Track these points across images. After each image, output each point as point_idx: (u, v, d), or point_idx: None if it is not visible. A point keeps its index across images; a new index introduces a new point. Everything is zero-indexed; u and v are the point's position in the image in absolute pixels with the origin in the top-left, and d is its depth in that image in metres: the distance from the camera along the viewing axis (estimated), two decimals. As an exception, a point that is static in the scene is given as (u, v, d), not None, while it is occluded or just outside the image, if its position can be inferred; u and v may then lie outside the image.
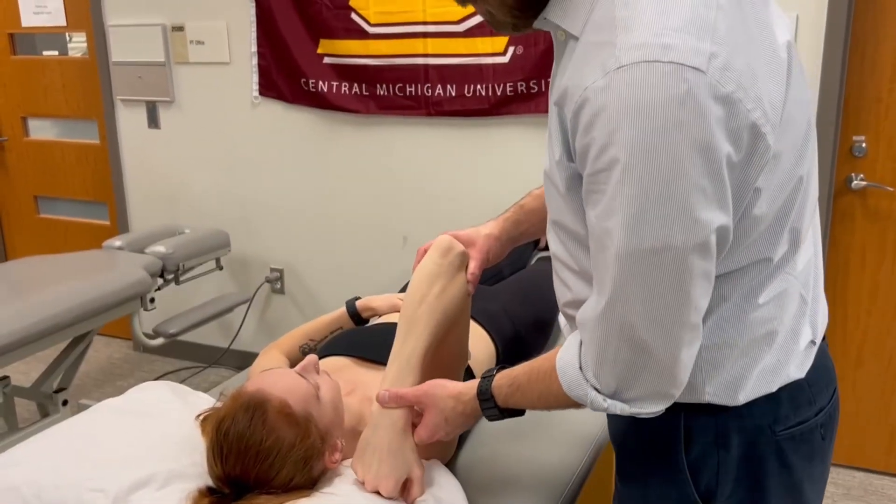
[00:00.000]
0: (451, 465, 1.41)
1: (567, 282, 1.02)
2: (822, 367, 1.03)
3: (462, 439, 1.50)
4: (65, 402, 2.65)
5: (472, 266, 1.29)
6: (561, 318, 1.13)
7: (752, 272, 0.92)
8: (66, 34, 3.60)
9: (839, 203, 2.48)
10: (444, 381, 1.17)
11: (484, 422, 1.59)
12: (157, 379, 2.05)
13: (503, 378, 1.10)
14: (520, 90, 2.71)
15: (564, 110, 0.86)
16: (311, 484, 1.23)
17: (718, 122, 0.78)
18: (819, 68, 2.32)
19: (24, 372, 3.46)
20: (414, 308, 1.23)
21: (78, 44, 3.60)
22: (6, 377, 2.68)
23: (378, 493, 1.17)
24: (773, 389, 0.96)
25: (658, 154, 0.77)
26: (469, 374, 1.52)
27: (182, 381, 3.35)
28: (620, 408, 0.92)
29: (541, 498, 1.37)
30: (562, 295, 1.06)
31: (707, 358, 0.94)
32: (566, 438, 1.54)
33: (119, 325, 3.75)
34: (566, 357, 0.96)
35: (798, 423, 0.99)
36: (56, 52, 3.66)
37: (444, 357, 1.30)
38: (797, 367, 0.98)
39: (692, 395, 0.96)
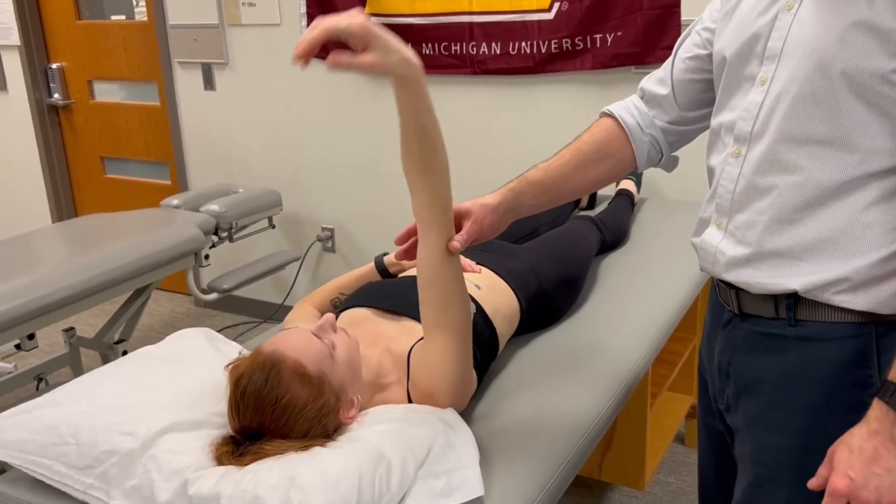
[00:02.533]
0: (465, 414, 1.44)
1: (799, 162, 1.00)
2: None
3: (479, 391, 1.53)
4: (124, 353, 2.78)
5: (463, 232, 1.27)
6: (717, 239, 1.11)
7: None
8: (131, -2, 3.72)
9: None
10: None
11: (502, 372, 1.62)
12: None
13: None
14: (565, 47, 2.67)
15: None
16: (327, 435, 1.28)
17: None
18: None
19: (91, 325, 3.64)
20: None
21: (143, 7, 3.70)
22: (72, 328, 2.85)
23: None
24: None
25: None
26: (489, 327, 1.54)
27: (238, 336, 3.49)
28: None
29: (555, 448, 1.39)
30: (778, 183, 1.02)
31: None
32: (585, 388, 1.55)
33: (181, 282, 3.91)
34: None
35: None
36: (124, 17, 3.77)
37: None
38: None
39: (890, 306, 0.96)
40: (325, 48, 1.05)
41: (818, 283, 1.01)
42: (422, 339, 1.37)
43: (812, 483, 0.97)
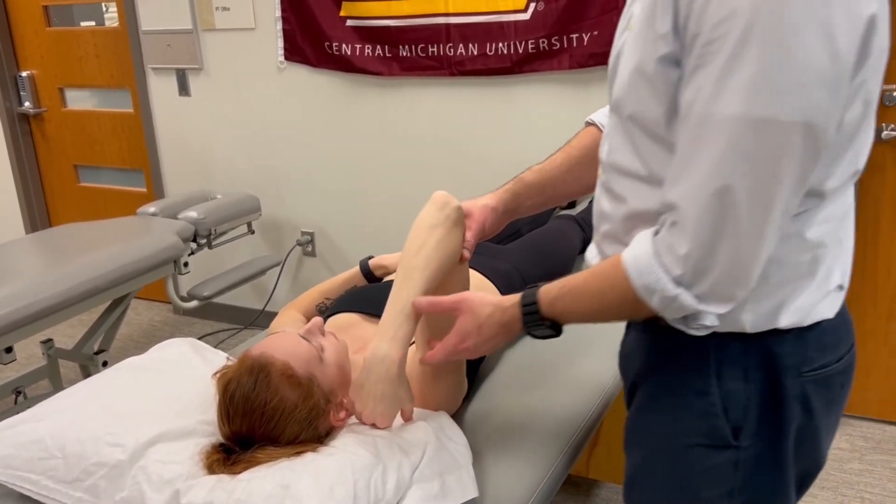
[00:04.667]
0: (457, 416, 1.45)
1: (623, 193, 1.00)
2: (844, 317, 1.03)
3: (470, 391, 1.53)
4: (105, 364, 2.75)
5: (469, 235, 1.29)
6: (591, 252, 1.11)
7: (814, 193, 0.91)
8: (102, 4, 3.66)
9: (870, 154, 2.42)
10: (482, 293, 1.16)
11: (492, 373, 1.62)
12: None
13: (552, 285, 1.06)
14: (542, 47, 2.68)
15: None
16: (319, 439, 1.27)
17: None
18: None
19: (69, 336, 3.59)
20: (411, 257, 1.25)
21: (114, 13, 3.66)
22: (50, 340, 2.80)
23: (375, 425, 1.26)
24: (806, 323, 0.97)
25: (783, 20, 0.77)
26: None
27: (219, 343, 3.45)
28: (688, 301, 0.89)
29: (546, 449, 1.40)
30: (612, 211, 1.03)
31: None
32: (574, 388, 1.56)
33: (159, 290, 3.87)
34: (638, 247, 0.93)
35: (822, 366, 0.99)
36: (93, 23, 3.73)
37: None
38: (829, 307, 0.98)
39: (728, 322, 0.96)
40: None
41: None
42: (413, 343, 1.37)
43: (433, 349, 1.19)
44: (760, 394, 0.98)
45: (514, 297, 1.09)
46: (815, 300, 0.97)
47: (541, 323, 1.07)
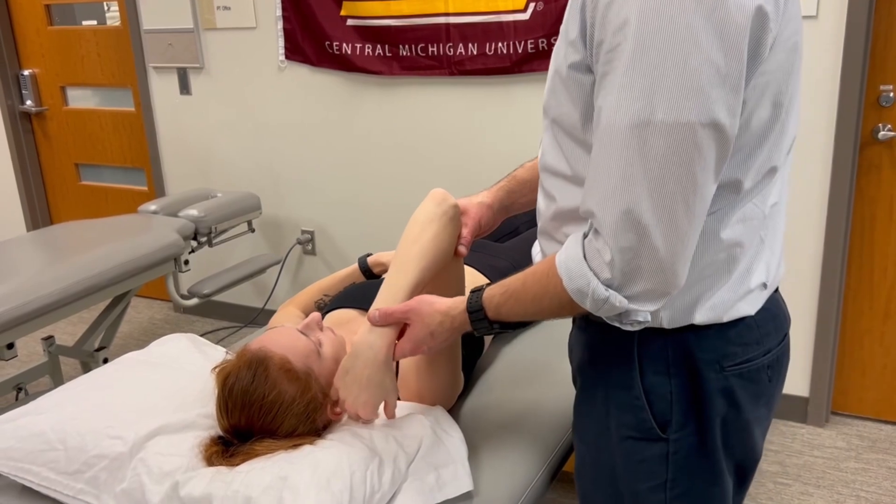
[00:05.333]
0: (453, 411, 1.46)
1: (552, 192, 1.03)
2: (773, 312, 1.05)
3: (466, 387, 1.55)
4: (105, 360, 2.76)
5: (465, 231, 1.31)
6: (535, 248, 1.15)
7: (726, 192, 0.94)
8: (104, 3, 3.68)
9: (865, 154, 2.44)
10: (432, 298, 1.18)
11: (489, 368, 1.64)
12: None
13: (494, 289, 1.09)
14: (541, 47, 2.70)
15: None
16: (316, 433, 1.29)
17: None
18: (844, 15, 2.27)
19: (70, 333, 3.61)
20: (407, 248, 1.26)
21: (115, 12, 3.68)
22: (51, 337, 2.82)
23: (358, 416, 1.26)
24: (724, 320, 0.99)
25: (673, 23, 0.79)
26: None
27: (220, 341, 3.47)
28: (619, 302, 0.91)
29: (542, 444, 1.41)
30: (545, 209, 1.06)
31: None
32: (569, 385, 1.57)
33: (160, 288, 3.88)
34: (569, 251, 0.95)
35: (745, 360, 1.01)
36: (95, 22, 3.74)
37: None
38: (749, 304, 1.00)
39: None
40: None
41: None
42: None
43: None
44: (683, 387, 1.01)
45: (461, 305, 1.12)
46: (734, 298, 0.99)
47: (489, 325, 1.11)
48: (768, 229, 1.00)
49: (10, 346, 2.38)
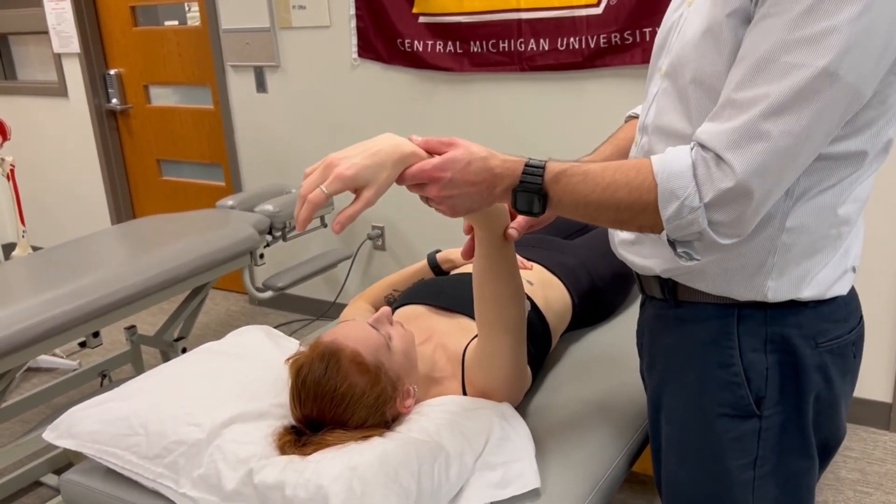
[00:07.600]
0: (521, 408, 1.46)
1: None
2: (853, 292, 1.08)
3: (534, 384, 1.54)
4: (184, 350, 2.86)
5: (518, 218, 1.28)
6: (618, 233, 1.14)
7: (853, 161, 0.95)
8: (185, 4, 3.80)
9: None
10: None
11: (556, 365, 1.62)
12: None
13: (563, 161, 1.01)
14: (613, 41, 2.66)
15: None
16: (386, 425, 1.31)
17: None
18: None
19: (151, 323, 3.75)
20: None
21: (196, 13, 3.79)
22: (133, 326, 2.93)
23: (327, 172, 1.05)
24: (826, 297, 1.01)
25: None
26: (542, 321, 1.55)
27: (292, 333, 3.54)
28: (700, 222, 0.90)
29: (609, 444, 1.40)
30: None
31: (784, 241, 0.97)
32: (639, 385, 1.55)
33: (236, 281, 3.99)
34: (673, 156, 0.93)
35: (836, 336, 1.03)
36: (176, 22, 3.87)
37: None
38: (843, 284, 1.03)
39: (752, 290, 1.00)
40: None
41: (674, 269, 1.05)
42: (476, 336, 1.39)
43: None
44: (780, 364, 1.02)
45: (515, 157, 1.03)
46: (834, 277, 1.01)
47: (533, 190, 0.99)
48: (862, 216, 1.03)
49: (96, 334, 2.49)
